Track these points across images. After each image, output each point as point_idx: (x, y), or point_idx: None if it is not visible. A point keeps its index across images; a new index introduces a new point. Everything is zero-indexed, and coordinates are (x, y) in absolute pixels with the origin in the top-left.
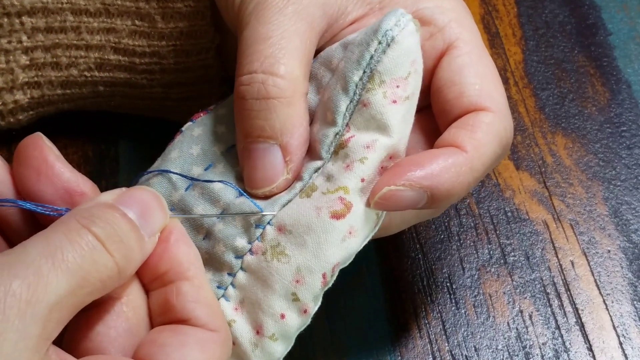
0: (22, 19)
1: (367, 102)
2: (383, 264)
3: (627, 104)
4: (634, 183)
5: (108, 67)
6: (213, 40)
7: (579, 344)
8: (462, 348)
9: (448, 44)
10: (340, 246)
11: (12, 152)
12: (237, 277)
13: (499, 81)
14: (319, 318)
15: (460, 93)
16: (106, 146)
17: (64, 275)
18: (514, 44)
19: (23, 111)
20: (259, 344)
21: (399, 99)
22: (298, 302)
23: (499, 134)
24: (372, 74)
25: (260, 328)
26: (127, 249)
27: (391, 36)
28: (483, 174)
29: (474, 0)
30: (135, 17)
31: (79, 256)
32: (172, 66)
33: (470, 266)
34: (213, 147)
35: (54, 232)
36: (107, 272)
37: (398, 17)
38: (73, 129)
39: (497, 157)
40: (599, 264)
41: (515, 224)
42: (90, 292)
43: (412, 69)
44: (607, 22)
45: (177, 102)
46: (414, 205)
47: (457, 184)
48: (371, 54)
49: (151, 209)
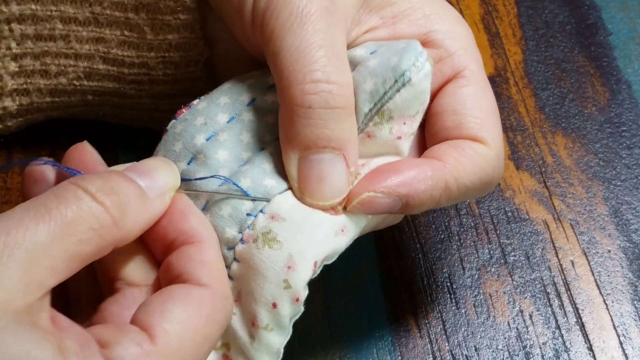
0: (11, 26)
1: (372, 134)
2: (383, 264)
3: (627, 104)
4: (634, 183)
5: (97, 77)
6: (202, 53)
7: (579, 343)
8: (462, 348)
9: (456, 72)
10: (333, 240)
11: (12, 157)
12: (232, 269)
13: (499, 120)
14: (319, 317)
15: (460, 123)
16: (105, 148)
17: (45, 223)
18: (514, 44)
19: (12, 118)
20: (256, 336)
21: (404, 135)
22: (290, 289)
23: (484, 168)
24: (382, 109)
25: (255, 319)
26: (122, 200)
27: (408, 77)
28: (455, 198)
29: (474, 0)
30: (125, 28)
31: (63, 206)
32: (161, 77)
33: (471, 266)
34: (193, 140)
35: (44, 193)
36: (98, 221)
37: (417, 56)
38: (73, 130)
39: (475, 190)
40: (599, 264)
41: (516, 224)
42: (82, 240)
43: (420, 108)
44: (607, 22)
45: (166, 113)
46: (389, 210)
47: (430, 197)
48: (385, 90)
49: (158, 169)
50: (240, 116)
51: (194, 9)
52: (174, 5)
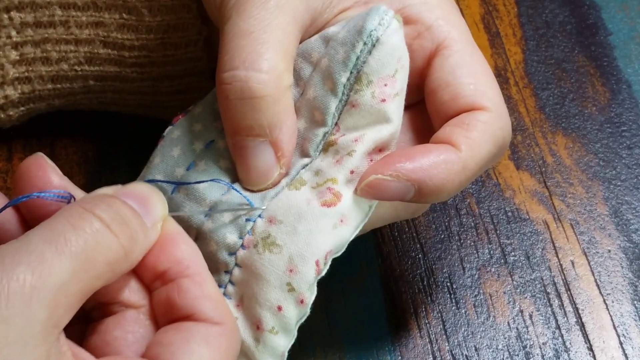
0: (11, 14)
1: (356, 103)
2: (383, 264)
3: (627, 104)
4: (634, 183)
5: (98, 61)
6: (200, 32)
7: (579, 343)
8: (462, 348)
9: (437, 43)
10: (332, 233)
11: (12, 151)
12: (234, 274)
13: (492, 78)
14: (319, 318)
15: (455, 94)
16: (106, 146)
17: (67, 259)
18: (514, 44)
19: (14, 107)
20: (261, 339)
21: (387, 97)
22: (294, 292)
23: (495, 133)
24: (359, 75)
25: (260, 323)
26: (132, 231)
27: (376, 36)
28: (477, 173)
29: (474, 0)
30: (123, 11)
31: (82, 239)
32: (161, 59)
33: (471, 266)
34: (192, 146)
35: (56, 219)
36: (113, 255)
37: (381, 15)
38: (73, 129)
39: (493, 157)
40: (599, 264)
41: (516, 224)
42: (97, 276)
43: (398, 66)
44: (607, 22)
45: (168, 96)
46: (401, 197)
47: (448, 181)
48: (357, 55)
49: (150, 199)
50: None
51: None
52: None
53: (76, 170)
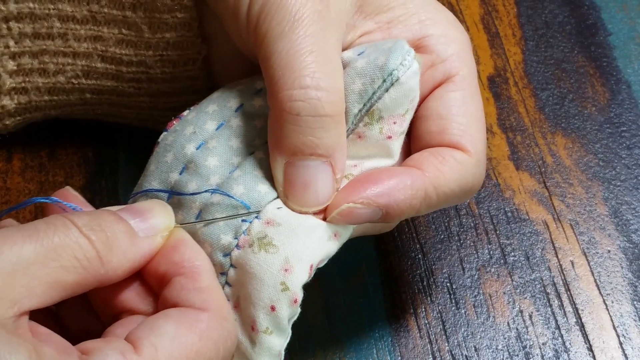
0: (9, 24)
1: (363, 135)
2: (383, 264)
3: (627, 104)
4: (634, 183)
5: (95, 75)
6: (200, 51)
7: (579, 344)
8: (462, 348)
9: (447, 77)
10: (326, 244)
11: (11, 152)
12: (230, 275)
13: (483, 126)
14: (319, 318)
15: (443, 128)
16: (106, 146)
17: (32, 242)
18: (514, 44)
19: (10, 116)
20: (256, 341)
21: (394, 134)
22: (288, 291)
23: (466, 177)
24: (372, 109)
25: (254, 323)
26: (109, 237)
27: (397, 76)
28: (435, 206)
29: (474, 0)
30: (122, 26)
31: (52, 231)
32: (159, 76)
33: (470, 266)
34: (183, 150)
35: (37, 220)
36: (82, 251)
37: (404, 55)
38: (73, 129)
39: (455, 197)
40: (599, 264)
41: (515, 224)
42: (64, 267)
43: (410, 106)
44: (607, 22)
45: (165, 112)
46: (370, 220)
47: (410, 206)
48: (374, 90)
49: (150, 211)
50: (228, 122)
51: (192, 7)
52: (171, 3)
53: (76, 170)
